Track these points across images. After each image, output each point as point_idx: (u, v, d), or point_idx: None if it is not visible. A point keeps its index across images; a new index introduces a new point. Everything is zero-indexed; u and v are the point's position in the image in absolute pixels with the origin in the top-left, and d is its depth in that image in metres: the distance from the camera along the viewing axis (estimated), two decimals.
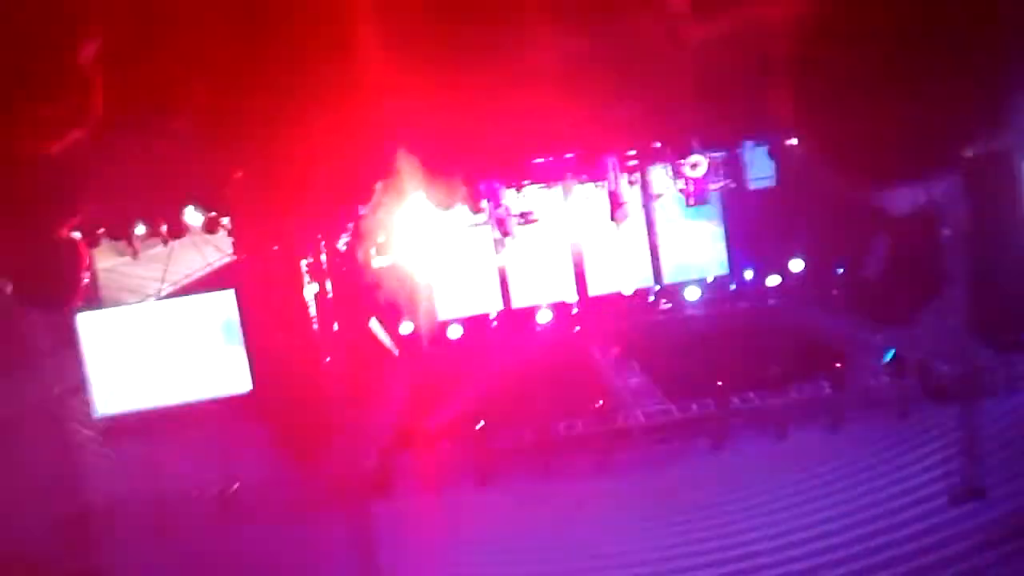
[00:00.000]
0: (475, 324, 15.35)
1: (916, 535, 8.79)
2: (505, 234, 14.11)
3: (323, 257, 13.09)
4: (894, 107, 7.01)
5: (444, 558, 9.61)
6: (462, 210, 13.54)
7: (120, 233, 11.65)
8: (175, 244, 14.30)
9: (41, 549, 9.84)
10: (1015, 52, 6.31)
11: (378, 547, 9.08)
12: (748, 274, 15.48)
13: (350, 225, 13.07)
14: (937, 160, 7.84)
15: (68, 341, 11.20)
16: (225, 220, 11.76)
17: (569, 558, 9.34)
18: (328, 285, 13.08)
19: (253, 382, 11.50)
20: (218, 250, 15.10)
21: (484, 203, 13.28)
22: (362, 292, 14.21)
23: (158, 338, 11.53)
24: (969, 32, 6.24)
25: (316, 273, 12.44)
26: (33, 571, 9.53)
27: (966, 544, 8.43)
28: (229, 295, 12.06)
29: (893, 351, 12.46)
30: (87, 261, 9.56)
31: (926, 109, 6.95)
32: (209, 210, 11.55)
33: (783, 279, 15.10)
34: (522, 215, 14.73)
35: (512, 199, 14.20)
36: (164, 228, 11.78)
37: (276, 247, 11.56)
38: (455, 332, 15.25)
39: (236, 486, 11.14)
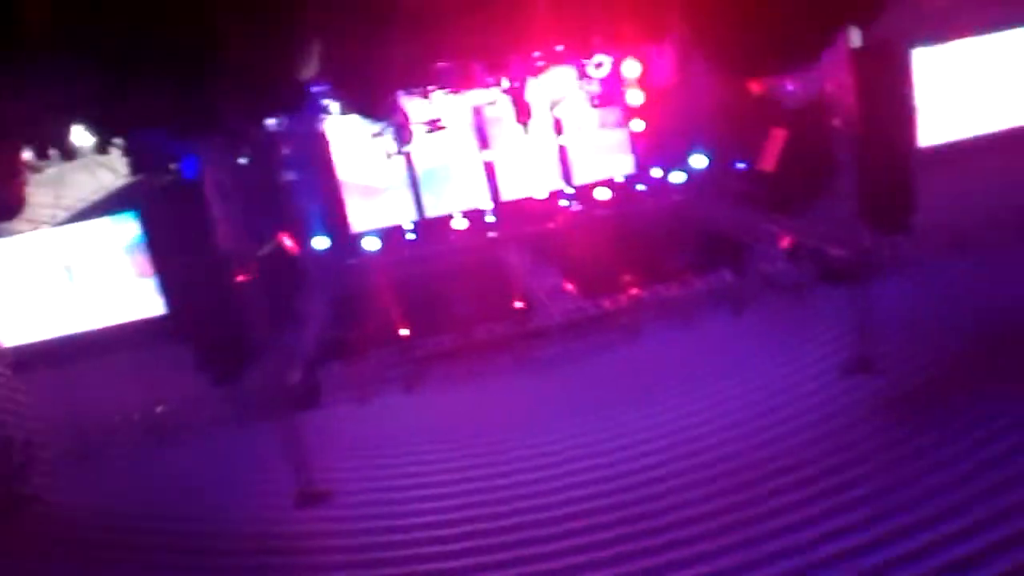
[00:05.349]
0: (391, 235, 15.30)
1: (811, 407, 9.41)
2: (405, 141, 13.98)
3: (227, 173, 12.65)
4: None
5: (374, 457, 9.92)
6: (365, 120, 13.36)
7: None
8: (65, 168, 13.65)
9: None
10: None
11: (308, 452, 9.26)
12: (655, 172, 15.87)
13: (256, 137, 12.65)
14: (813, 46, 8.16)
15: None
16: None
17: (498, 449, 9.77)
18: (235, 201, 12.71)
19: (166, 304, 11.24)
20: (112, 171, 14.43)
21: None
22: (272, 207, 13.90)
23: (61, 265, 11.07)
24: None
25: (221, 190, 12.06)
26: None
27: (854, 415, 9.13)
28: (130, 218, 11.61)
29: (790, 238, 13.16)
30: None
31: None
32: (99, 130, 10.97)
33: (687, 175, 15.56)
34: (429, 122, 14.55)
35: (417, 106, 14.01)
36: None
37: (178, 165, 11.13)
38: (372, 244, 15.19)
39: (160, 408, 11.07)
